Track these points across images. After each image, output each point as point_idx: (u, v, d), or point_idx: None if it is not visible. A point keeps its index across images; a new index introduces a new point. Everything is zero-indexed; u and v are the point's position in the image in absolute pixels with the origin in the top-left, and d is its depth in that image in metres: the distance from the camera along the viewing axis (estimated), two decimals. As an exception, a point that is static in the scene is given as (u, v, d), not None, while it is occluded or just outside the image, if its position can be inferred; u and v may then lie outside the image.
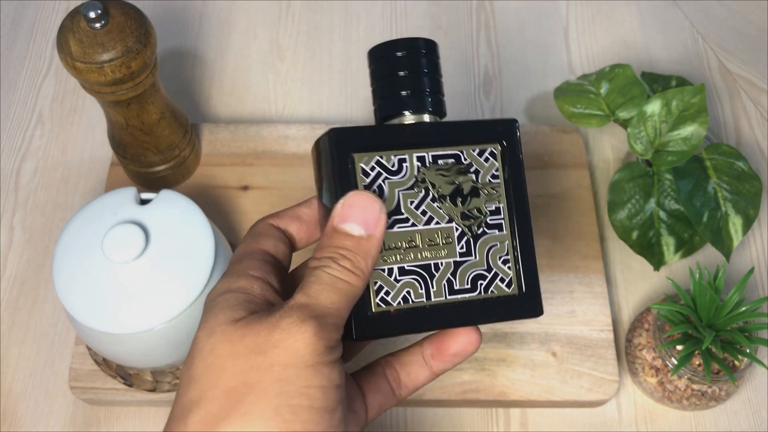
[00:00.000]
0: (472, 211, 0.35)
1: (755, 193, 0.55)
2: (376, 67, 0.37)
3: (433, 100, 0.36)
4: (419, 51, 0.36)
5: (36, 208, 0.62)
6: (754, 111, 0.68)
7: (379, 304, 0.34)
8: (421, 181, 0.35)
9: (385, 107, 0.36)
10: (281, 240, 0.35)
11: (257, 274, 0.33)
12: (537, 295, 0.36)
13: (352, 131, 0.34)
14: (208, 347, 0.30)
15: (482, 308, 0.35)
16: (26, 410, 0.54)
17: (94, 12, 0.46)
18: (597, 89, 0.60)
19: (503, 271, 0.35)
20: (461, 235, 0.35)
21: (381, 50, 0.36)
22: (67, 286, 0.46)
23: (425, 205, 0.35)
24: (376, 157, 0.34)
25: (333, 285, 0.31)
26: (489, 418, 0.54)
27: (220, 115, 0.67)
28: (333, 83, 0.69)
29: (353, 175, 0.34)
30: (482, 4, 0.74)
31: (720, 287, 0.49)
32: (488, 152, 0.36)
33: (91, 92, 0.50)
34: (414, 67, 0.36)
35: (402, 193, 0.34)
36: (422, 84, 0.36)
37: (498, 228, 0.36)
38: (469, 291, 0.35)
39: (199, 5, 0.73)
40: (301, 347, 0.29)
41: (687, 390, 0.51)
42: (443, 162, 0.35)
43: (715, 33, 0.73)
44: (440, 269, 0.34)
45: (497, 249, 0.35)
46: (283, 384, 0.29)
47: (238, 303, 0.31)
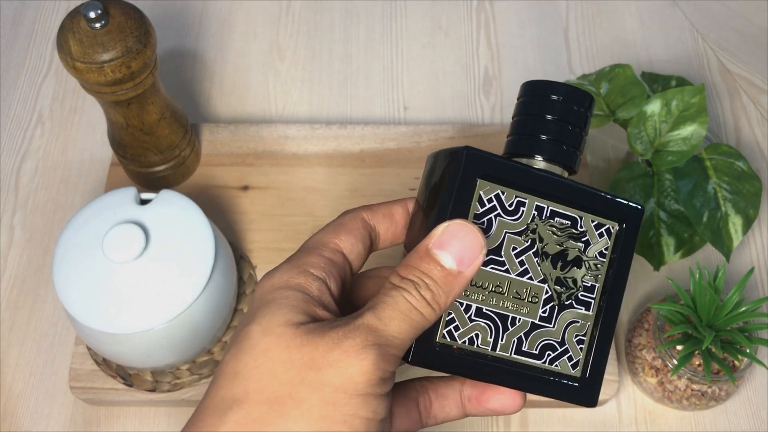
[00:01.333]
0: (567, 279, 0.34)
1: (755, 193, 0.55)
2: (527, 102, 0.35)
3: (568, 154, 0.34)
4: (575, 101, 0.34)
5: (36, 208, 0.62)
6: (754, 111, 0.68)
7: (445, 336, 0.32)
8: (532, 231, 0.33)
9: (520, 144, 0.35)
10: (362, 240, 0.34)
11: (318, 273, 0.32)
12: (597, 386, 0.35)
13: (487, 156, 0.32)
14: (262, 346, 0.29)
15: (541, 380, 0.34)
16: (26, 410, 0.54)
17: (94, 12, 0.46)
18: (597, 89, 0.60)
19: (575, 350, 0.34)
20: (548, 299, 0.34)
21: (538, 87, 0.35)
22: (67, 286, 0.46)
23: (526, 256, 0.33)
24: (497, 190, 0.33)
25: (407, 314, 0.30)
26: (489, 417, 0.54)
27: (220, 115, 0.67)
28: (333, 83, 0.69)
29: (468, 200, 0.32)
30: (482, 4, 0.74)
31: (720, 287, 0.49)
32: (605, 228, 0.35)
33: (91, 92, 0.50)
34: (564, 116, 0.34)
35: (508, 236, 0.33)
36: (564, 135, 0.34)
37: (586, 306, 0.34)
38: (535, 357, 0.34)
39: (199, 5, 0.73)
40: (356, 374, 0.28)
41: (687, 390, 0.51)
42: (559, 221, 0.34)
43: (715, 33, 0.73)
44: (516, 325, 0.33)
45: (577, 327, 0.34)
46: (329, 408, 0.28)
47: (297, 303, 0.30)
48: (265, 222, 0.59)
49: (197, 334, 0.49)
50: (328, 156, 0.62)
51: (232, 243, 0.57)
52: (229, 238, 0.57)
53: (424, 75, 0.70)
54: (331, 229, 0.34)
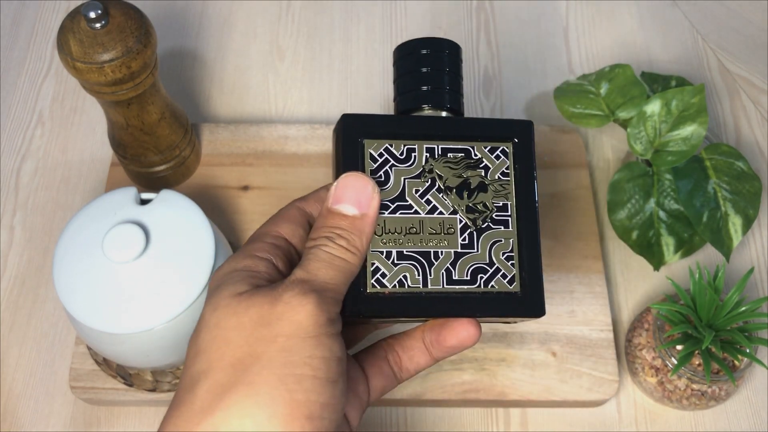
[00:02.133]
0: (477, 205, 0.36)
1: (755, 193, 0.55)
2: (401, 63, 0.38)
3: (452, 98, 0.37)
4: (443, 50, 0.37)
5: (36, 208, 0.62)
6: (754, 111, 0.68)
7: (374, 285, 0.34)
8: (428, 171, 0.35)
9: (405, 101, 0.37)
10: (301, 225, 0.36)
11: (263, 255, 0.34)
12: (540, 295, 0.36)
13: (365, 118, 0.35)
14: (213, 320, 0.31)
15: (481, 302, 0.35)
16: (26, 410, 0.54)
17: (94, 12, 0.46)
18: (597, 89, 0.60)
19: (506, 267, 0.35)
20: (464, 227, 0.35)
21: (407, 47, 0.37)
22: (67, 286, 0.46)
23: (430, 194, 0.35)
24: (386, 144, 0.35)
25: (330, 262, 0.32)
26: (489, 418, 0.54)
27: (220, 115, 0.67)
28: (333, 83, 0.69)
29: (361, 160, 0.35)
30: (482, 4, 0.74)
31: (720, 287, 0.49)
32: (500, 150, 0.36)
33: (92, 92, 0.50)
34: (436, 64, 0.37)
35: (408, 181, 0.35)
36: (443, 81, 0.37)
37: (504, 224, 0.36)
38: (468, 283, 0.35)
39: (199, 5, 0.73)
40: (303, 319, 0.30)
41: (687, 390, 0.51)
42: (452, 155, 0.36)
43: (715, 33, 0.73)
44: (440, 258, 0.35)
45: (501, 245, 0.36)
46: (287, 354, 0.30)
47: (242, 279, 0.32)
48: (265, 222, 0.59)
49: (197, 334, 0.49)
50: (328, 156, 0.62)
51: (232, 243, 0.57)
52: (229, 238, 0.57)
53: (424, 75, 0.70)
54: (270, 221, 0.36)
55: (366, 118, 0.35)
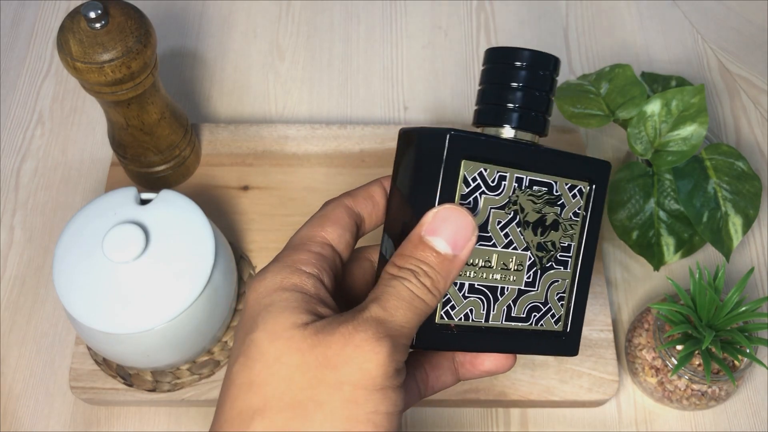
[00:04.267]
0: (547, 243, 0.35)
1: (755, 193, 0.55)
2: (491, 69, 0.35)
3: (537, 120, 0.35)
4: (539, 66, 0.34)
5: (36, 208, 0.62)
6: (754, 111, 0.68)
7: (443, 317, 0.33)
8: (513, 203, 0.34)
9: (488, 113, 0.35)
10: (349, 229, 0.34)
11: (311, 270, 0.32)
12: (577, 336, 0.36)
13: (469, 137, 0.33)
14: (272, 353, 0.29)
15: (530, 339, 0.35)
16: (26, 410, 0.54)
17: (94, 12, 0.46)
18: (597, 89, 0.60)
19: (556, 307, 0.36)
20: (532, 264, 0.35)
21: (501, 54, 0.35)
22: (67, 286, 0.46)
23: (509, 228, 0.34)
24: (481, 168, 0.33)
25: (410, 302, 0.30)
26: (489, 418, 0.54)
27: (220, 115, 0.67)
28: (333, 83, 0.69)
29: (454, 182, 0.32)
30: (482, 4, 0.74)
31: (720, 287, 0.49)
32: (577, 189, 0.36)
33: (91, 92, 0.50)
34: (529, 82, 0.34)
35: (493, 211, 0.34)
36: (531, 102, 0.35)
37: (564, 265, 0.35)
38: (522, 321, 0.35)
39: (199, 5, 0.73)
40: (372, 368, 0.28)
41: (687, 390, 0.51)
42: (537, 189, 0.34)
43: (715, 33, 0.73)
44: (505, 294, 0.34)
45: (557, 285, 0.35)
46: (351, 407, 0.28)
47: (299, 304, 0.30)
48: (265, 222, 0.59)
49: (197, 334, 0.49)
50: (328, 156, 0.62)
51: (232, 243, 0.57)
52: (229, 238, 0.57)
53: (424, 75, 0.70)
54: (316, 222, 0.34)
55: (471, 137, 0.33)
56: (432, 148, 0.33)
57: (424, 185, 0.33)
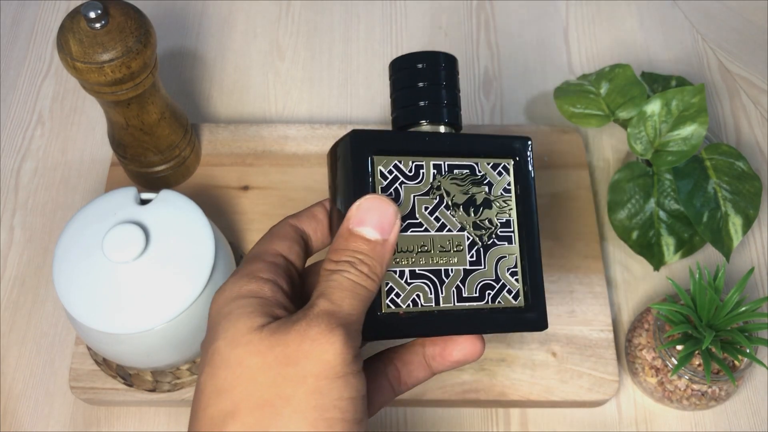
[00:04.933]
0: (483, 221, 0.36)
1: (755, 193, 0.55)
2: (397, 78, 0.38)
3: (450, 112, 0.37)
4: (439, 64, 0.37)
5: (36, 208, 0.62)
6: (754, 111, 0.68)
7: (389, 305, 0.34)
8: (436, 188, 0.35)
9: (404, 116, 0.37)
10: (297, 242, 0.35)
11: (266, 276, 0.33)
12: (542, 309, 0.36)
13: (373, 134, 0.35)
14: (233, 358, 0.30)
15: (489, 318, 0.35)
16: (26, 410, 0.54)
17: (94, 12, 0.46)
18: (597, 89, 0.60)
19: (511, 282, 0.36)
20: (472, 244, 0.36)
21: (402, 61, 0.38)
22: (67, 286, 0.46)
23: (439, 211, 0.35)
24: (395, 161, 0.35)
25: (353, 290, 0.31)
26: (489, 418, 0.54)
27: (220, 115, 0.67)
28: (333, 83, 0.69)
29: (371, 177, 0.34)
30: (482, 4, 0.74)
31: (720, 287, 0.49)
32: (501, 167, 0.37)
33: (91, 92, 0.50)
34: (433, 79, 0.37)
35: (417, 198, 0.35)
36: (440, 96, 0.37)
37: (508, 240, 0.36)
38: (477, 300, 0.35)
39: (199, 5, 0.73)
40: (331, 358, 0.29)
41: (687, 390, 0.51)
42: (458, 172, 0.36)
43: (715, 33, 0.73)
44: (450, 276, 0.35)
45: (506, 261, 0.36)
46: (317, 397, 0.29)
47: (254, 309, 0.31)
48: (265, 222, 0.59)
49: (197, 334, 0.49)
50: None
51: (232, 243, 0.57)
52: (229, 238, 0.57)
53: (424, 75, 0.70)
54: (264, 239, 0.35)
55: (374, 133, 0.35)
56: (343, 152, 0.35)
57: (344, 189, 0.34)
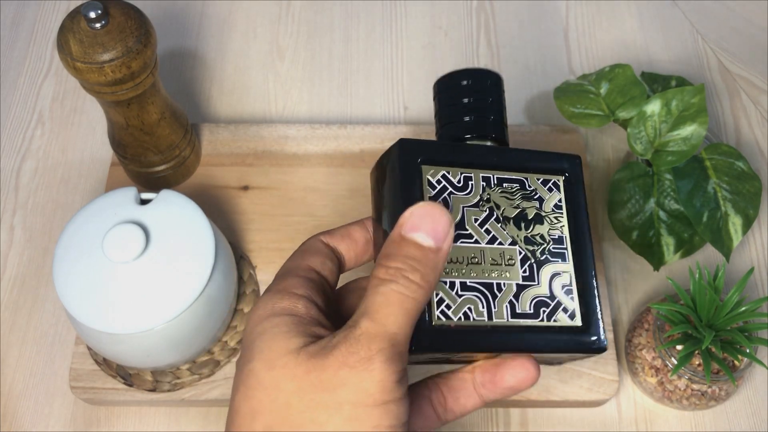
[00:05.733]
0: (535, 237, 0.35)
1: (755, 193, 0.55)
2: (442, 97, 0.37)
3: (496, 127, 0.36)
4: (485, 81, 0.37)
5: (36, 208, 0.62)
6: (754, 111, 0.68)
7: (440, 317, 0.32)
8: (486, 200, 0.34)
9: (449, 131, 0.37)
10: (329, 258, 0.35)
11: (300, 291, 0.32)
12: (598, 330, 0.35)
13: (421, 143, 0.34)
14: (269, 381, 0.29)
15: (545, 337, 0.34)
16: (26, 410, 0.54)
17: (94, 12, 0.46)
18: (597, 89, 0.60)
19: (566, 301, 0.35)
20: (524, 258, 0.34)
21: (447, 80, 0.37)
22: (67, 285, 0.46)
23: (489, 224, 0.34)
24: (443, 171, 0.34)
25: (401, 305, 0.30)
26: (489, 418, 0.54)
27: (220, 115, 0.67)
28: (333, 83, 0.69)
29: (419, 186, 0.33)
30: (482, 4, 0.74)
31: (720, 287, 0.49)
32: (552, 183, 0.36)
33: (91, 92, 0.50)
34: (479, 95, 0.36)
35: (467, 210, 0.34)
36: (484, 110, 0.36)
37: (561, 257, 0.35)
38: (531, 317, 0.34)
39: (199, 5, 0.73)
40: (370, 386, 0.28)
41: (687, 390, 0.51)
42: (508, 185, 0.35)
43: (715, 33, 0.73)
44: (503, 290, 0.34)
45: (560, 278, 0.35)
46: (353, 424, 0.28)
47: (290, 328, 0.30)
48: (265, 222, 0.59)
49: (197, 334, 0.49)
50: (328, 156, 0.62)
51: (232, 243, 0.57)
52: (229, 238, 0.57)
53: (424, 75, 0.70)
54: (297, 255, 0.35)
55: (423, 143, 0.34)
56: (388, 163, 0.34)
57: (393, 198, 0.33)
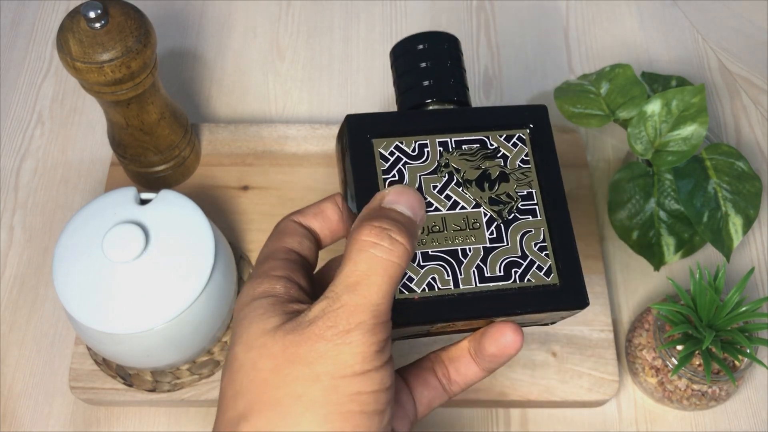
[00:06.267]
0: (501, 196, 0.34)
1: (755, 193, 0.55)
2: (399, 62, 0.36)
3: (457, 90, 0.35)
4: (441, 44, 0.35)
5: (36, 208, 0.62)
6: (754, 111, 0.68)
7: (402, 290, 0.32)
8: (444, 165, 0.33)
9: (409, 98, 0.35)
10: (306, 237, 0.34)
11: (279, 273, 0.32)
12: (581, 285, 0.33)
13: (369, 117, 0.33)
14: (248, 363, 0.29)
15: (519, 298, 0.32)
16: (26, 410, 0.54)
17: (94, 12, 0.46)
18: (597, 89, 0.60)
19: (540, 258, 0.33)
20: (490, 220, 0.33)
21: (403, 45, 0.36)
22: (67, 286, 0.46)
23: (449, 189, 0.33)
24: (396, 142, 0.33)
25: (385, 272, 0.29)
26: (489, 418, 0.54)
27: (220, 115, 0.67)
28: (333, 83, 0.69)
29: (371, 160, 0.33)
30: (482, 4, 0.74)
31: (720, 287, 0.49)
32: (516, 138, 0.34)
33: (91, 92, 0.50)
34: (436, 58, 0.35)
35: (424, 178, 0.33)
36: (445, 74, 0.35)
37: (531, 214, 0.34)
38: (502, 279, 0.32)
39: (199, 5, 0.73)
40: (348, 358, 0.28)
41: (687, 390, 0.51)
42: (467, 147, 0.34)
43: (715, 33, 0.73)
44: (468, 255, 0.33)
45: (532, 235, 0.33)
46: (332, 393, 0.28)
47: (267, 309, 0.30)
48: (265, 222, 0.59)
49: (197, 334, 0.49)
50: (328, 156, 0.62)
51: (232, 243, 0.57)
52: (229, 238, 0.57)
53: (424, 75, 0.70)
54: (273, 238, 0.34)
55: (371, 116, 0.33)
56: (341, 141, 0.33)
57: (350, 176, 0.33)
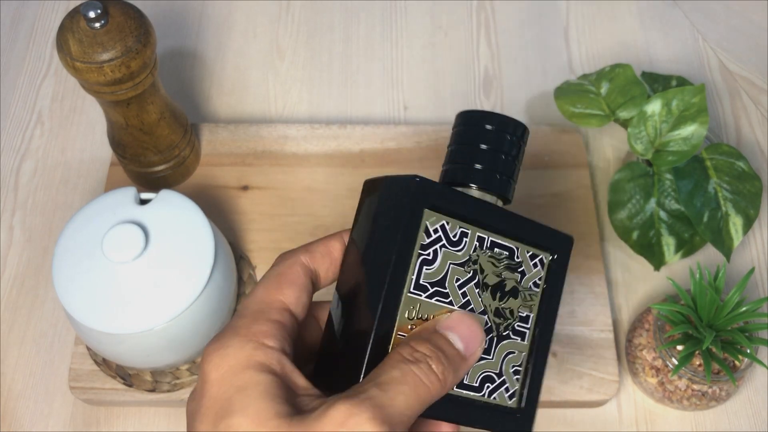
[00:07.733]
0: (506, 310, 0.34)
1: (755, 193, 0.55)
2: (461, 131, 0.35)
3: (503, 183, 0.35)
4: (508, 131, 0.35)
5: (36, 208, 0.62)
6: (755, 111, 0.68)
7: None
8: (473, 262, 0.33)
9: (455, 173, 0.35)
10: (305, 290, 0.33)
11: (273, 343, 0.30)
12: (532, 416, 0.34)
13: (437, 186, 0.32)
14: None
15: (479, 411, 0.33)
16: (26, 410, 0.54)
17: (93, 12, 0.46)
18: (597, 89, 0.60)
19: (511, 381, 0.34)
20: (488, 330, 0.33)
21: (473, 117, 0.35)
22: (67, 286, 0.46)
23: (468, 287, 0.33)
24: (443, 220, 0.32)
25: (416, 389, 0.29)
26: (489, 418, 0.54)
27: (220, 115, 0.67)
28: (333, 83, 0.69)
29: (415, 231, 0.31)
30: (482, 4, 0.74)
31: (720, 287, 0.49)
32: (539, 259, 0.35)
33: (91, 92, 0.50)
34: (497, 145, 0.34)
35: (452, 267, 0.33)
36: (498, 164, 0.34)
37: (521, 336, 0.34)
38: (475, 390, 0.33)
39: (199, 5, 0.73)
40: None
41: (687, 390, 0.51)
42: (498, 251, 0.34)
43: (716, 33, 0.73)
44: None
45: (513, 357, 0.34)
46: None
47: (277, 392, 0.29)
48: (265, 222, 0.59)
49: (197, 334, 0.49)
50: (328, 156, 0.62)
51: (232, 243, 0.57)
52: (229, 238, 0.57)
53: (424, 75, 0.70)
54: (273, 283, 0.32)
55: (437, 186, 0.32)
56: (395, 194, 0.32)
57: (381, 235, 0.32)
